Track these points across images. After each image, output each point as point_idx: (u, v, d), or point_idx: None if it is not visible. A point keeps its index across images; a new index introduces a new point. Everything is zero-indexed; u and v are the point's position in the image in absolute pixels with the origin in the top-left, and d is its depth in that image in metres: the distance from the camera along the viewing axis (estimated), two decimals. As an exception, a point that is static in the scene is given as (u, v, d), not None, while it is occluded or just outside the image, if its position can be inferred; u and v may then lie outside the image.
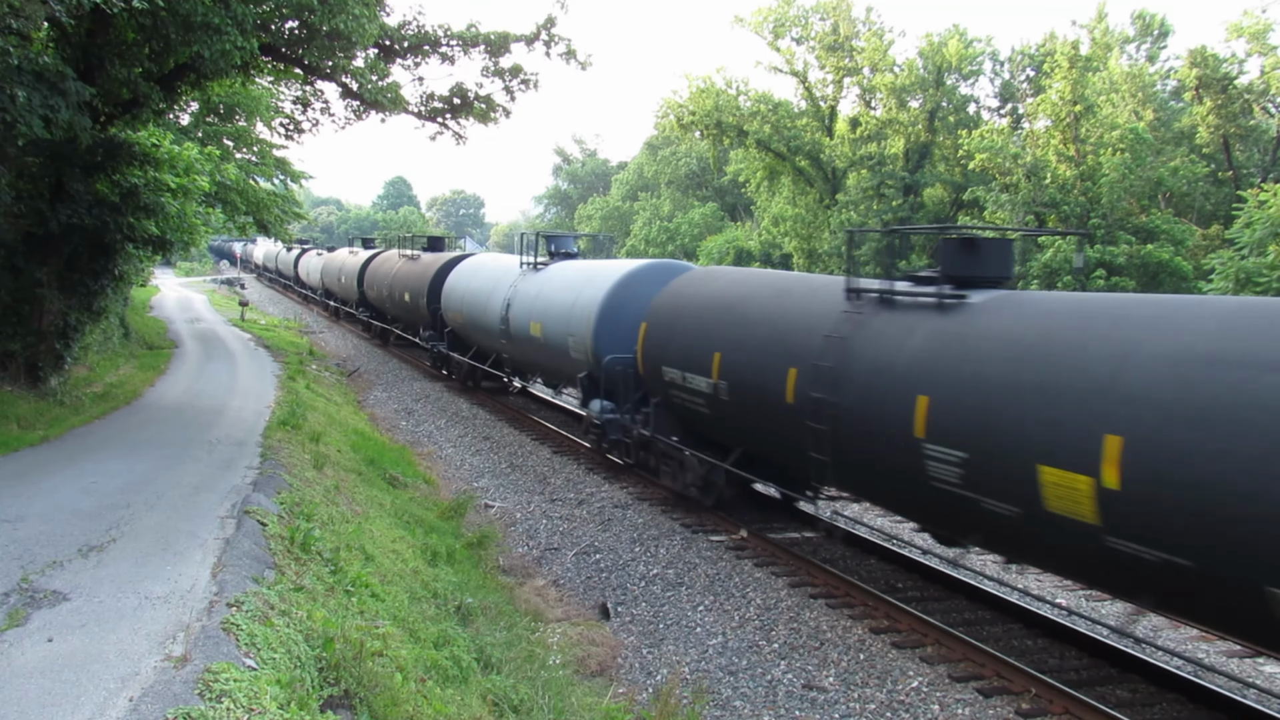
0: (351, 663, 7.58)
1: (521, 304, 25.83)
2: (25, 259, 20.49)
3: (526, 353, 26.24)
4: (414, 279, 38.22)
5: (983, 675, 11.58)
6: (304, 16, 19.51)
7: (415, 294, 37.50)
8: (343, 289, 54.25)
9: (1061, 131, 47.27)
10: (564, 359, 22.91)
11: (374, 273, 45.69)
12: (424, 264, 38.41)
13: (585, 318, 21.42)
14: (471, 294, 30.76)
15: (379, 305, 45.51)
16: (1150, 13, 63.83)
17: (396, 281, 40.81)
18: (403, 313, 40.86)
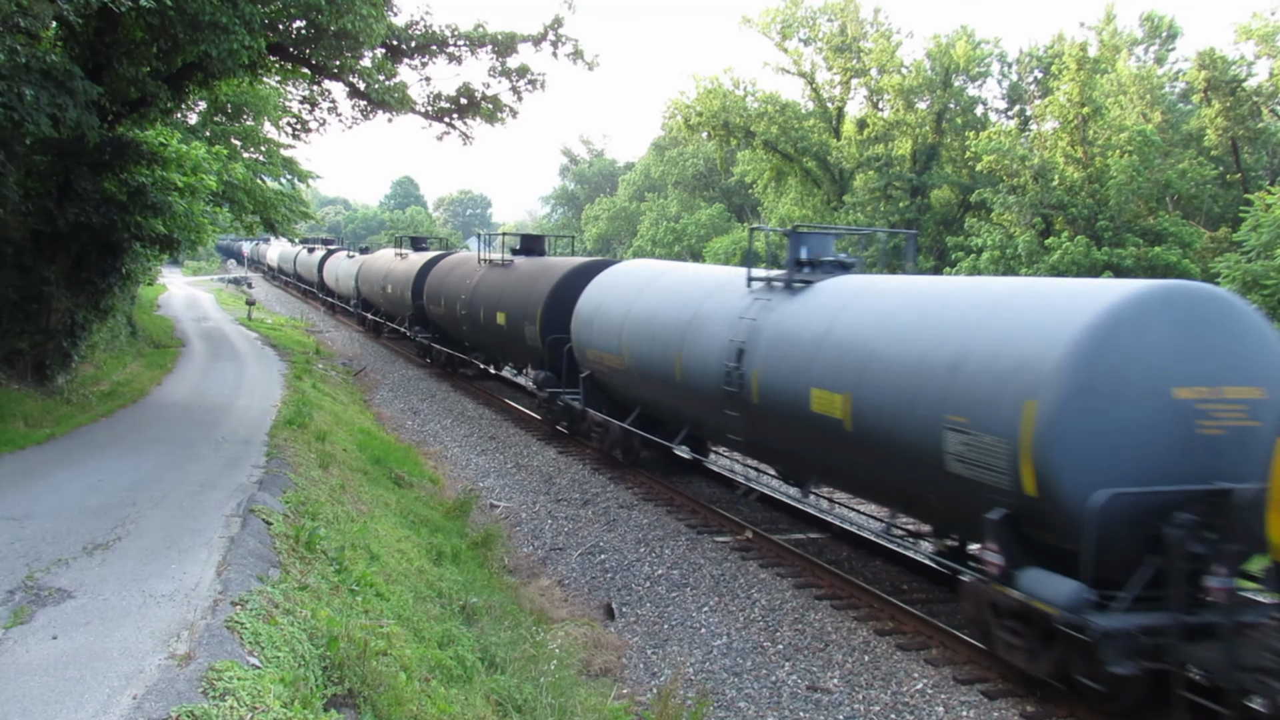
0: (355, 662, 7.59)
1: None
2: (33, 257, 20.56)
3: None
4: (517, 293, 27.43)
5: (988, 678, 11.56)
6: (311, 16, 19.53)
7: (521, 314, 26.72)
8: (390, 301, 44.01)
9: (1069, 133, 47.15)
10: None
11: (440, 282, 35.90)
12: (529, 272, 27.95)
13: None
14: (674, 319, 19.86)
15: (449, 326, 35.37)
16: (1159, 14, 63.70)
17: (482, 296, 30.35)
18: (496, 340, 30.05)
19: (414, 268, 39.49)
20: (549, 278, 25.87)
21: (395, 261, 43.88)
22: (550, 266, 27.02)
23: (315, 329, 52.51)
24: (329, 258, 64.64)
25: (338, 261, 60.91)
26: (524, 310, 26.43)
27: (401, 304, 40.27)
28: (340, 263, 59.52)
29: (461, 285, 32.81)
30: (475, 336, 32.31)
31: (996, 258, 46.07)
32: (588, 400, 22.45)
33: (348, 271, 55.19)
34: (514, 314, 27.17)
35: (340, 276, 58.10)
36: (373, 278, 47.60)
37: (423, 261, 39.27)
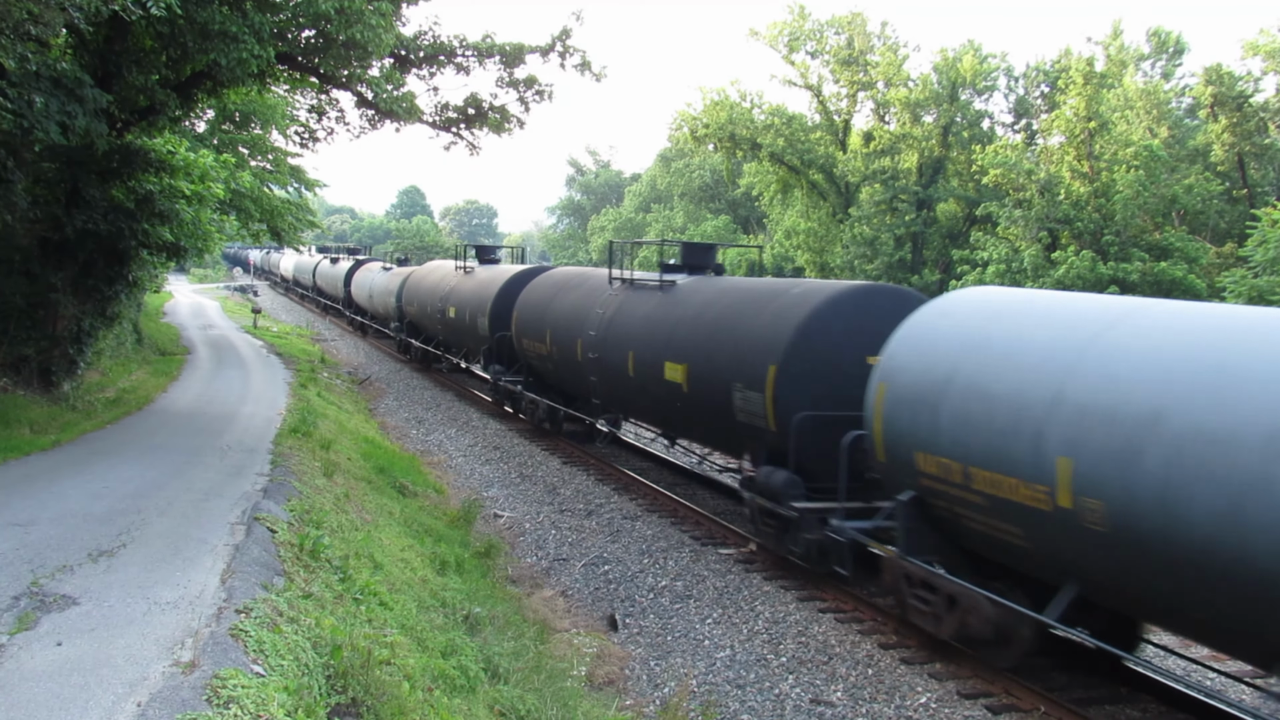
0: (359, 671, 7.58)
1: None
2: (40, 264, 20.61)
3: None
4: (720, 329, 17.65)
5: (991, 692, 11.53)
6: (320, 26, 19.61)
7: (740, 376, 17.12)
8: (450, 328, 35.11)
9: (1076, 148, 47.21)
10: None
11: (545, 307, 25.71)
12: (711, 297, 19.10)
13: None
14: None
15: (548, 367, 25.82)
16: (1166, 30, 63.75)
17: (631, 331, 20.53)
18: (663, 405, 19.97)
19: (492, 286, 30.71)
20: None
21: (460, 278, 34.93)
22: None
23: (321, 338, 52.58)
24: (358, 270, 56.36)
25: (370, 275, 51.87)
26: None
27: (472, 333, 31.99)
28: (374, 277, 50.55)
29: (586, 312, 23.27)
30: (638, 399, 21.37)
31: (1002, 271, 46.11)
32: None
33: (385, 288, 46.78)
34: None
35: (375, 293, 49.26)
36: (425, 297, 38.65)
37: (507, 277, 30.13)
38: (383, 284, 47.61)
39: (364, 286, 52.59)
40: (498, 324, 29.34)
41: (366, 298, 51.94)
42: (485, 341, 30.25)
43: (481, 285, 32.09)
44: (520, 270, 30.89)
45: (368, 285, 51.53)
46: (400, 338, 44.29)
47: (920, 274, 57.10)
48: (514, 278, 29.86)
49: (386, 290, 46.22)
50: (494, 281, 30.98)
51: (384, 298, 46.81)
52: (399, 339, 44.67)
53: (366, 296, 51.86)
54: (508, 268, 33.84)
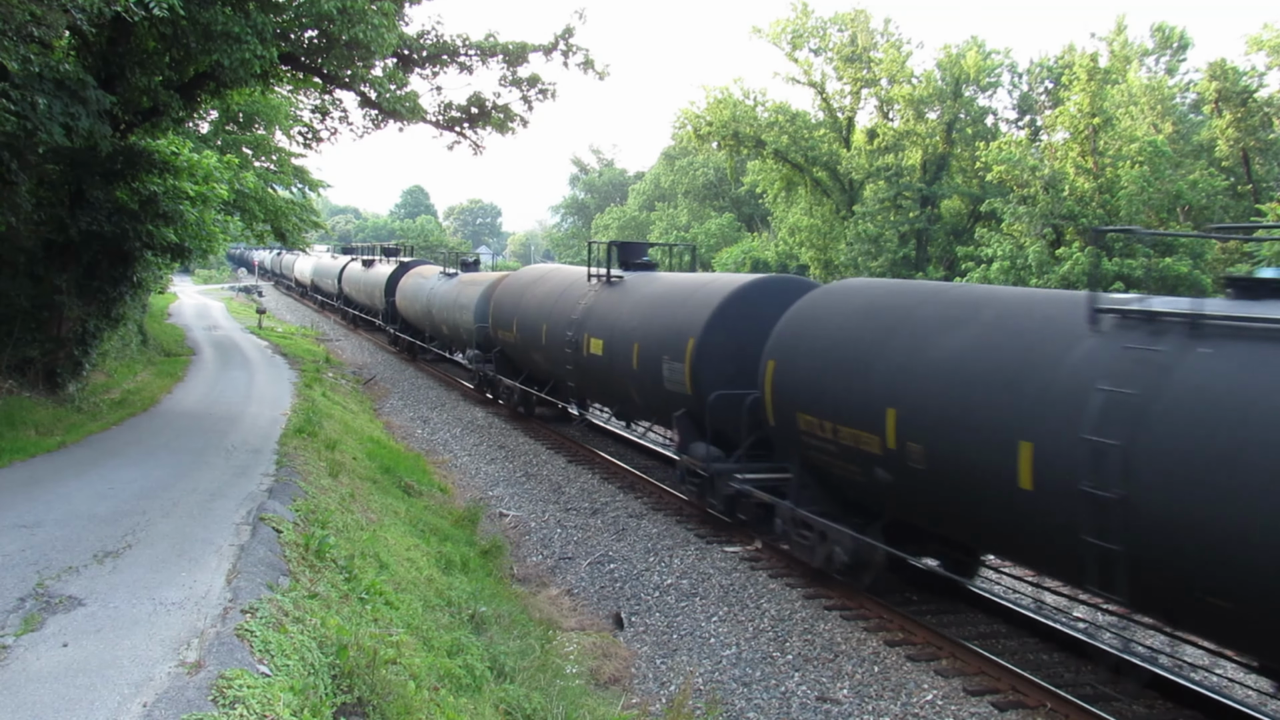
0: (365, 670, 7.58)
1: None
2: (45, 266, 20.63)
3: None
4: None
5: (998, 689, 11.52)
6: (323, 26, 19.60)
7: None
8: (592, 371, 22.87)
9: (1080, 144, 47.14)
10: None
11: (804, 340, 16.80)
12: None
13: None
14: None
15: None
16: (1169, 25, 63.70)
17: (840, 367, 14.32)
18: None
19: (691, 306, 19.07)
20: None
21: (606, 293, 22.94)
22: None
23: (325, 338, 52.60)
24: (404, 275, 44.78)
25: (425, 283, 40.01)
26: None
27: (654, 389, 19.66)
28: (433, 285, 38.63)
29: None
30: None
31: (1007, 268, 46.06)
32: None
33: (454, 301, 34.96)
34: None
35: (437, 306, 37.22)
36: (536, 317, 26.15)
37: (731, 289, 18.15)
38: (449, 296, 35.62)
39: (416, 297, 40.82)
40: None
41: (421, 312, 40.12)
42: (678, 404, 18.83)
43: (663, 304, 20.04)
44: (748, 282, 18.48)
45: (422, 296, 39.58)
46: (485, 372, 31.71)
47: (925, 271, 57.03)
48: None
49: (456, 304, 34.75)
50: (696, 298, 19.03)
51: (452, 314, 35.24)
52: (481, 373, 32.21)
53: (421, 310, 40.02)
54: (693, 277, 21.39)
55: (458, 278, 37.00)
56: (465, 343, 34.46)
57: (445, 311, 36.27)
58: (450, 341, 38.45)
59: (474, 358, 32.59)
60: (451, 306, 35.45)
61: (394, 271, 47.48)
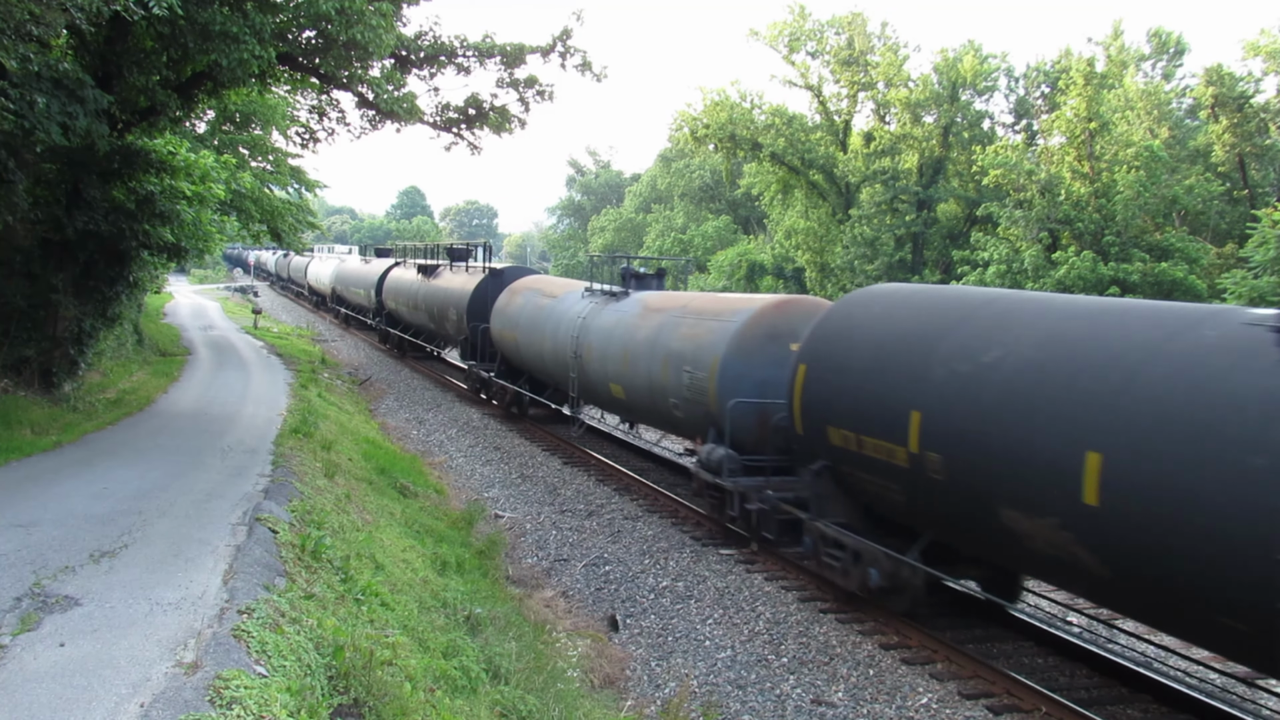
0: (361, 671, 7.59)
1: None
2: (41, 265, 20.60)
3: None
4: None
5: (993, 693, 11.54)
6: (321, 26, 19.61)
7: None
8: None
9: (1076, 148, 47.19)
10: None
11: None
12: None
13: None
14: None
15: None
16: (1166, 30, 63.73)
17: None
18: None
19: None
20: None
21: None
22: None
23: (321, 338, 52.55)
24: (505, 292, 30.58)
25: (555, 307, 26.20)
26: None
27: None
28: (582, 314, 24.00)
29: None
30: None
31: (1003, 272, 46.12)
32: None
33: (657, 345, 20.08)
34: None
35: (613, 356, 22.04)
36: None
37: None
38: (637, 337, 20.92)
39: (550, 333, 25.58)
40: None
41: (536, 338, 26.62)
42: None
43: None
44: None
45: (564, 332, 24.45)
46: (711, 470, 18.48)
47: (921, 274, 57.09)
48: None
49: (565, 326, 24.52)
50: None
51: (544, 339, 25.75)
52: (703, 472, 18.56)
53: (536, 335, 26.53)
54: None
55: (633, 300, 22.23)
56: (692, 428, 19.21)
57: (646, 373, 20.32)
58: (677, 426, 20.27)
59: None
60: (648, 357, 20.03)
61: (482, 284, 32.81)
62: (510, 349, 29.13)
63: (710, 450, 17.36)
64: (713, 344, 17.73)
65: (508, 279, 32.21)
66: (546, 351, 26.07)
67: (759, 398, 16.80)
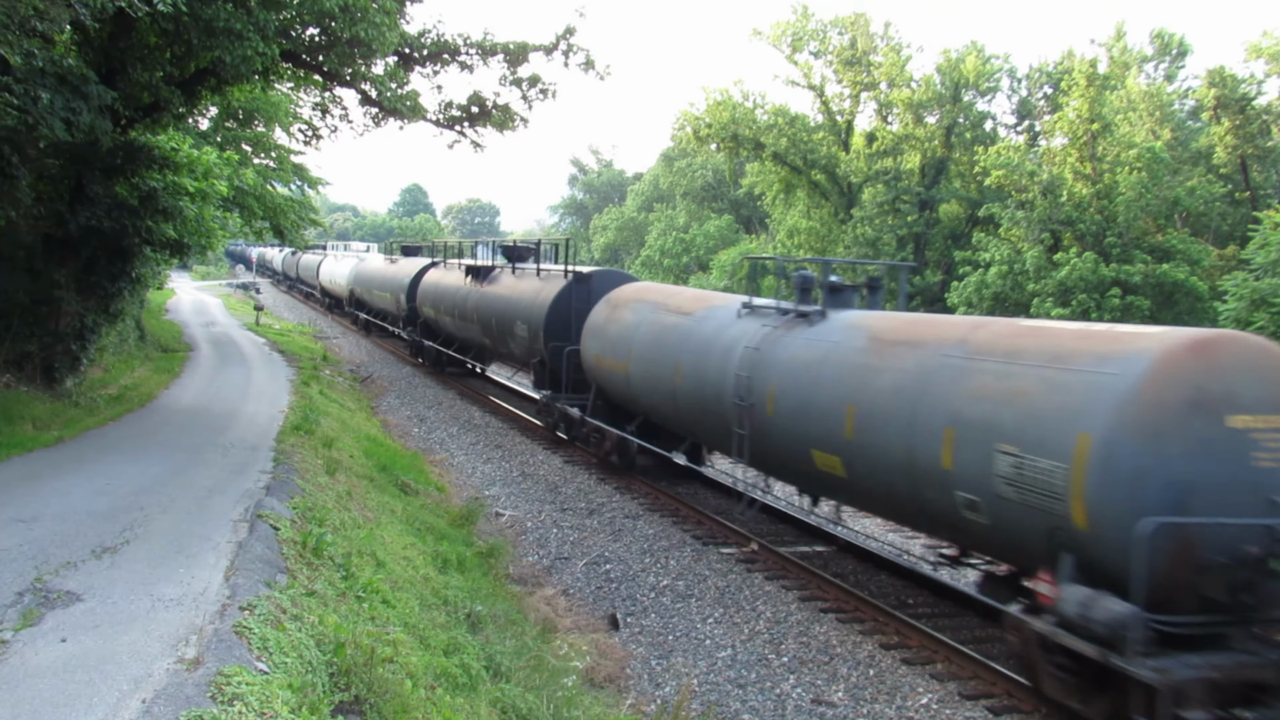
0: (362, 668, 7.60)
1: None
2: (44, 260, 20.62)
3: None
4: None
5: (993, 693, 11.55)
6: (325, 24, 19.61)
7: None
8: None
9: (1078, 149, 47.16)
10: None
11: None
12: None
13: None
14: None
15: None
16: (1169, 32, 63.74)
17: None
18: None
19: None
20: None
21: None
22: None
23: (322, 335, 52.56)
24: (601, 304, 23.86)
25: (694, 327, 19.17)
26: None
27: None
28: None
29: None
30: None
31: (1004, 273, 46.09)
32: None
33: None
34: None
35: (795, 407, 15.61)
36: None
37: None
38: (873, 376, 13.86)
39: (701, 362, 18.35)
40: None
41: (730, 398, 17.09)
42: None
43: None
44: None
45: (717, 364, 17.64)
46: None
47: (923, 274, 57.06)
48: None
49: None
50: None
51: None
52: None
53: (725, 398, 17.18)
54: None
55: (841, 326, 15.51)
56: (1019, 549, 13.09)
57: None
58: (979, 538, 13.36)
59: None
60: (902, 418, 13.33)
61: (563, 293, 26.38)
62: (614, 381, 21.93)
63: (1083, 602, 10.05)
64: (1075, 410, 10.56)
65: (598, 286, 25.58)
66: (682, 391, 18.67)
67: (1178, 512, 9.91)
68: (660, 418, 20.88)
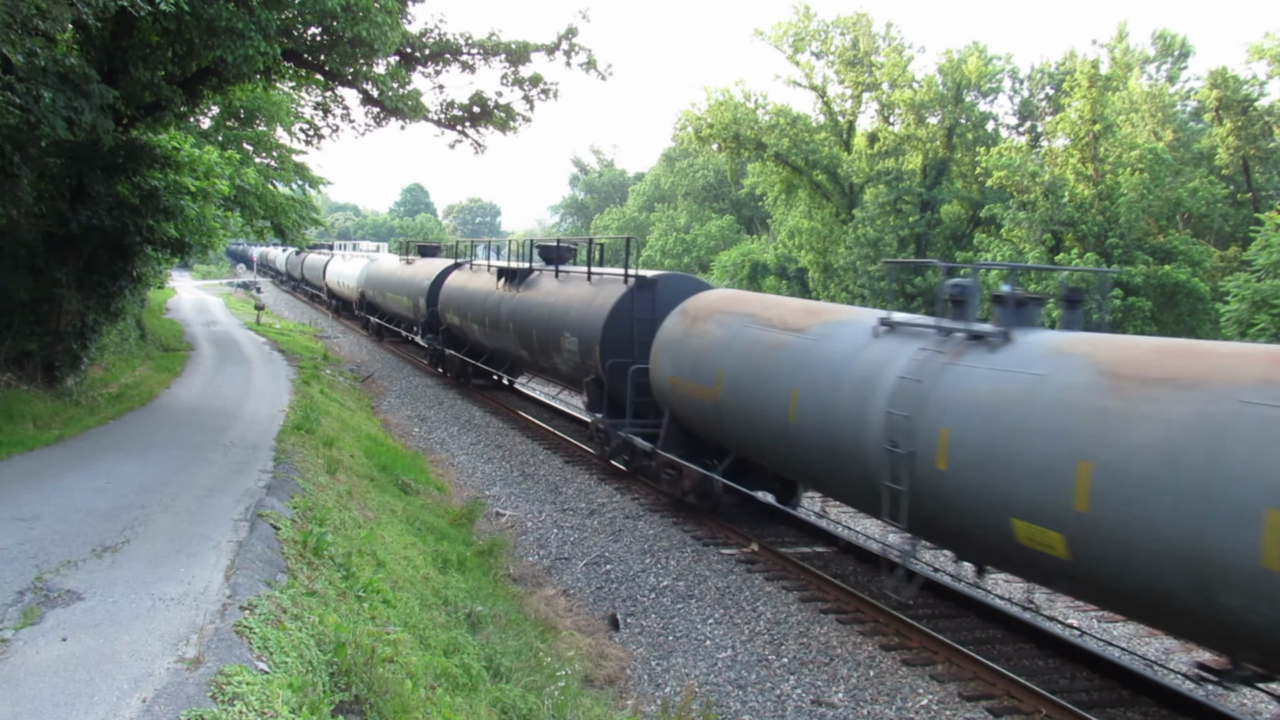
0: (363, 668, 7.60)
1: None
2: (45, 259, 20.61)
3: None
4: None
5: (993, 694, 11.55)
6: (327, 23, 19.61)
7: None
8: None
9: (1080, 150, 47.16)
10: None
11: None
12: None
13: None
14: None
15: None
16: (1171, 33, 63.74)
17: None
18: None
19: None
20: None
21: None
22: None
23: (323, 334, 52.56)
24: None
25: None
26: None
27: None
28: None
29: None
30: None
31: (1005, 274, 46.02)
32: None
33: None
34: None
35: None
36: None
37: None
38: (1107, 429, 9.95)
39: (828, 398, 14.24)
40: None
41: None
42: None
43: None
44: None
45: (852, 400, 13.67)
46: None
47: (924, 275, 57.05)
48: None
49: None
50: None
51: None
52: None
53: (868, 448, 13.27)
54: None
55: (1040, 354, 11.49)
56: None
57: None
58: None
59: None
60: (1164, 487, 9.30)
61: (623, 301, 22.35)
62: (696, 411, 18.28)
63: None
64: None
65: (665, 293, 21.72)
66: (800, 429, 14.77)
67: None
68: (764, 459, 16.96)
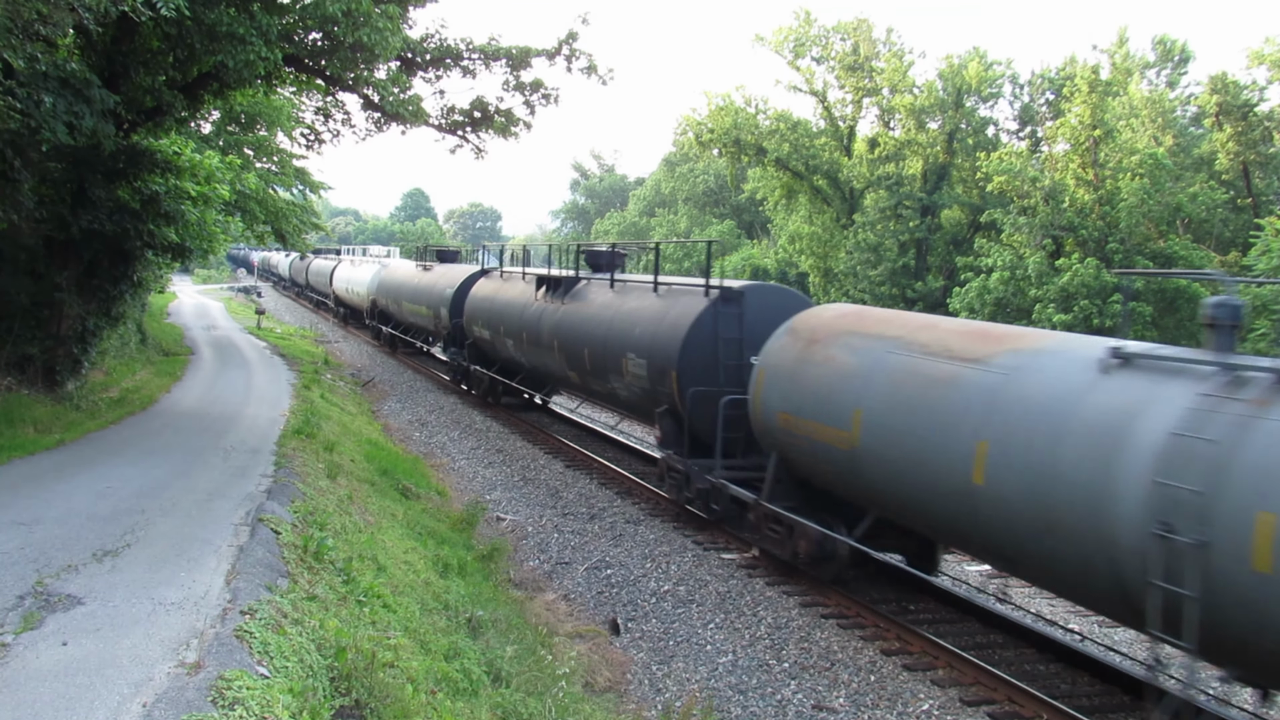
0: (363, 673, 7.60)
1: None
2: (46, 264, 20.64)
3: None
4: None
5: (994, 699, 11.53)
6: (328, 28, 19.64)
7: None
8: None
9: (1080, 155, 47.16)
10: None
11: None
12: None
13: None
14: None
15: None
16: (1171, 38, 63.70)
17: None
18: None
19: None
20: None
21: None
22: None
23: (324, 339, 52.58)
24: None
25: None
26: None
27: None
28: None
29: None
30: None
31: (1006, 279, 46.10)
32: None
33: None
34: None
35: None
36: None
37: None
38: None
39: (1051, 465, 10.39)
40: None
41: None
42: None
43: None
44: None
45: (1084, 468, 9.97)
46: None
47: (924, 280, 57.07)
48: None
49: None
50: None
51: None
52: None
53: (1121, 538, 9.65)
54: None
55: None
56: None
57: None
58: None
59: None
60: None
61: (702, 319, 18.96)
62: (822, 457, 14.78)
63: None
64: None
65: (755, 309, 18.64)
66: (992, 496, 11.22)
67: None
68: (928, 527, 13.40)
